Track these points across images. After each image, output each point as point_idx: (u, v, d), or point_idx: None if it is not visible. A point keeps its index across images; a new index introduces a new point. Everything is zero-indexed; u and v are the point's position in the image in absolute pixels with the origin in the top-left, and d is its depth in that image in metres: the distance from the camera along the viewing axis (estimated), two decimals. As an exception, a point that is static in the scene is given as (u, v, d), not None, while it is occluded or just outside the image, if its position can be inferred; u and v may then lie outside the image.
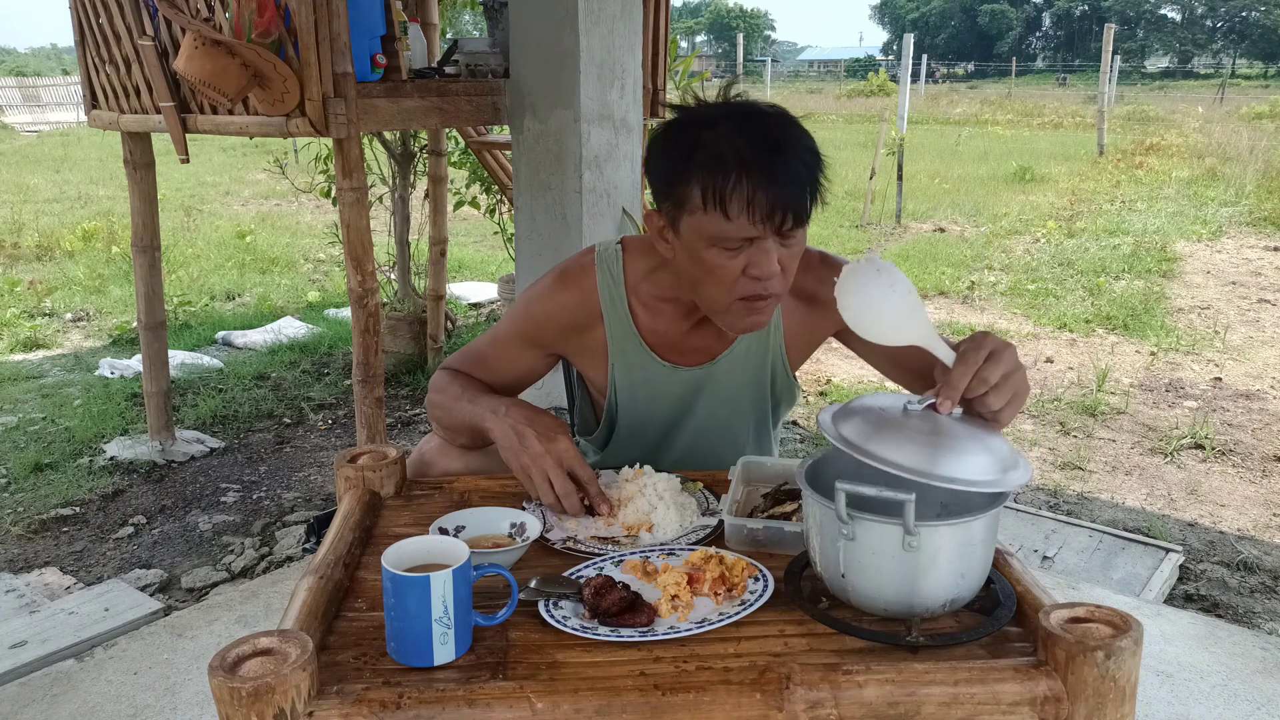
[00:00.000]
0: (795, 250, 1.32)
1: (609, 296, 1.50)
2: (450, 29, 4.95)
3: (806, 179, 1.27)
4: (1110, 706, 0.91)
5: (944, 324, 5.67)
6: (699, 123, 1.29)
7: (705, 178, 1.25)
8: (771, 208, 1.25)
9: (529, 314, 1.52)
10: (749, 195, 1.23)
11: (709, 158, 1.25)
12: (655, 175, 1.34)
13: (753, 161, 1.24)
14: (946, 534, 0.96)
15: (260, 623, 2.42)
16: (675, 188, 1.29)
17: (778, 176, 1.24)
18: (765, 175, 1.24)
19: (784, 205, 1.25)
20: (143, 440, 3.68)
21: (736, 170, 1.24)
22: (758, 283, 1.29)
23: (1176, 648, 2.35)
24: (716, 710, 0.91)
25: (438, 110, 2.95)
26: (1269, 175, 11.60)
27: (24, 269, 7.10)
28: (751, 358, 1.53)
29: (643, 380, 1.53)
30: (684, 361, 1.52)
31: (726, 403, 1.55)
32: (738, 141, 1.25)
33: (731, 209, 1.24)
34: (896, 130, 10.09)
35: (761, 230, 1.26)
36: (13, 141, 17.80)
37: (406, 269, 4.82)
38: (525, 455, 1.30)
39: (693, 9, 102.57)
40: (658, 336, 1.51)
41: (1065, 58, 73.39)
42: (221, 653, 0.89)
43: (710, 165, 1.25)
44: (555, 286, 1.51)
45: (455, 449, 1.51)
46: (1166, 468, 3.65)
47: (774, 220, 1.25)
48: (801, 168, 1.27)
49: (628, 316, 1.50)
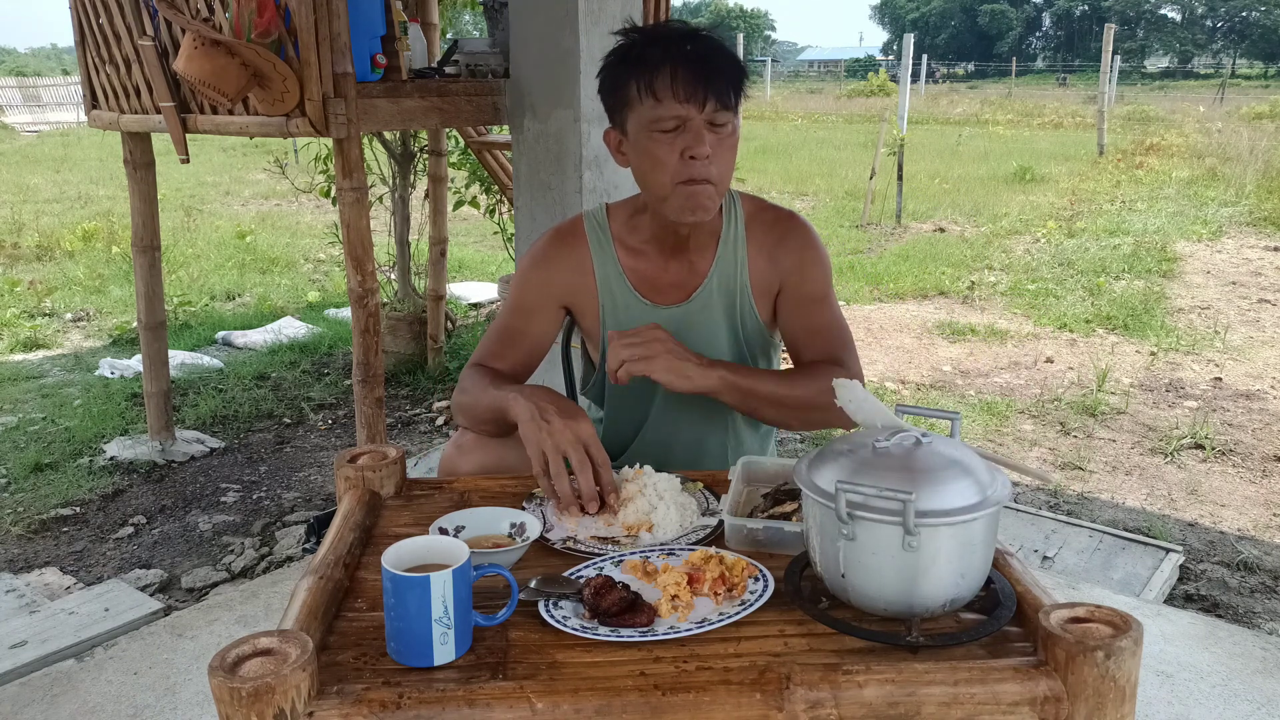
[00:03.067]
0: (726, 139, 1.49)
1: (597, 242, 1.67)
2: (450, 29, 4.95)
3: (725, 69, 1.46)
4: (1110, 706, 0.91)
5: (944, 324, 5.67)
6: (633, 41, 1.51)
7: (637, 73, 1.47)
8: (693, 86, 1.44)
9: (535, 272, 1.67)
10: (672, 75, 1.44)
11: (640, 58, 1.48)
12: (604, 91, 1.54)
13: (676, 52, 1.45)
14: (946, 534, 0.96)
15: (260, 623, 2.42)
16: (618, 93, 1.50)
17: (697, 62, 1.45)
18: (685, 61, 1.44)
19: (705, 85, 1.44)
20: (143, 440, 3.68)
21: (660, 59, 1.45)
22: (693, 164, 1.46)
23: (1176, 648, 2.35)
24: (716, 710, 0.91)
25: (438, 110, 2.95)
26: (1269, 175, 11.59)
27: (24, 269, 7.10)
28: (723, 295, 1.64)
29: (628, 319, 1.64)
30: (663, 300, 1.65)
31: (705, 343, 1.63)
32: (665, 42, 1.47)
33: (659, 90, 1.45)
34: (897, 130, 10.09)
35: (687, 110, 1.45)
36: (13, 141, 17.81)
37: (406, 269, 4.82)
38: (545, 430, 1.33)
39: (693, 9, 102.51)
40: (639, 276, 1.66)
41: (1065, 58, 73.39)
42: (221, 653, 0.89)
43: (641, 62, 1.47)
44: (551, 242, 1.69)
45: (475, 451, 1.57)
46: (1166, 468, 3.65)
47: (697, 98, 1.44)
48: (721, 59, 1.47)
49: (614, 259, 1.66)
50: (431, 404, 4.23)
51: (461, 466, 1.57)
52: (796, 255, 1.63)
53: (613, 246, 1.66)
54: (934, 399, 4.42)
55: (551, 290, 1.66)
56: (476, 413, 1.54)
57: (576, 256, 1.66)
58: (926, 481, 0.97)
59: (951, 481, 0.98)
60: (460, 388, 1.60)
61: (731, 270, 1.64)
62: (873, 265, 7.30)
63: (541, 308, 1.67)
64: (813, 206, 10.52)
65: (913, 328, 5.66)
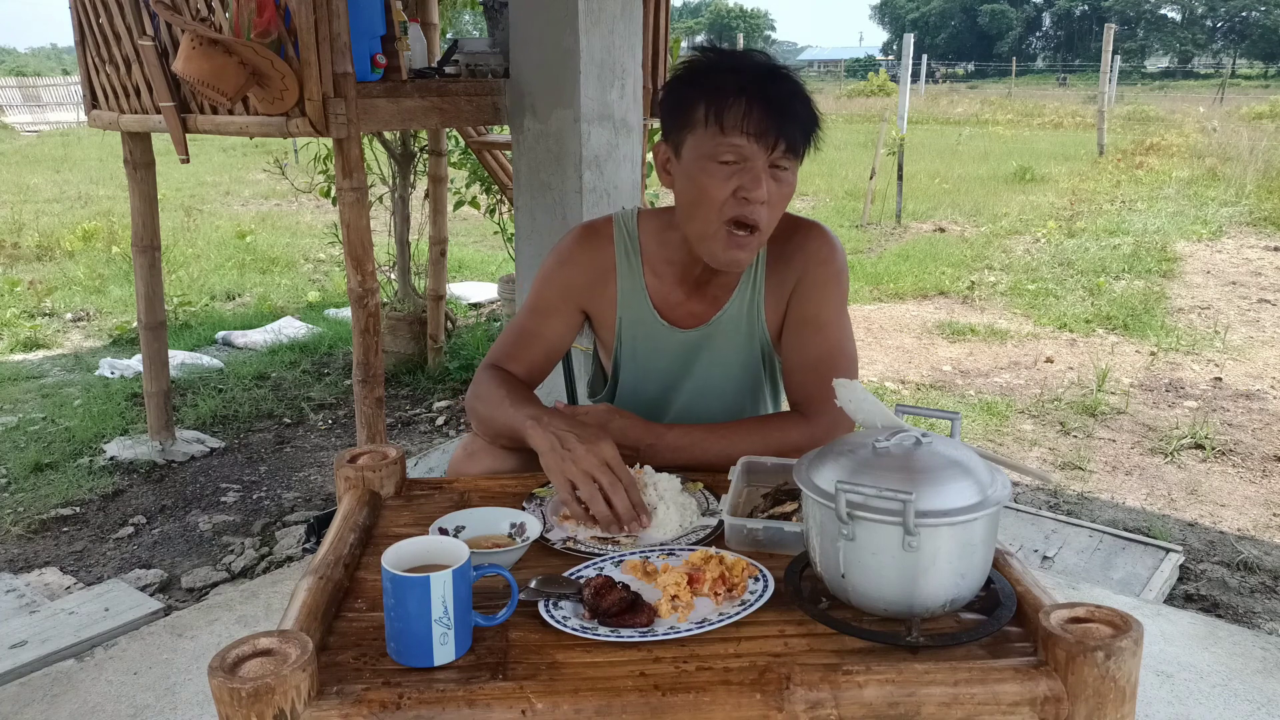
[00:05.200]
0: (783, 189, 1.42)
1: (624, 251, 1.61)
2: (450, 29, 4.95)
3: (801, 115, 1.39)
4: (1110, 706, 0.91)
5: (944, 324, 5.67)
6: (708, 62, 1.43)
7: (708, 97, 1.38)
8: (764, 126, 1.36)
9: (559, 272, 1.63)
10: (745, 110, 1.36)
11: (714, 83, 1.39)
12: (665, 106, 1.46)
13: (752, 87, 1.37)
14: (946, 534, 0.96)
15: (260, 623, 2.42)
16: (681, 113, 1.42)
17: (773, 103, 1.37)
18: (762, 99, 1.36)
19: (777, 127, 1.36)
20: (143, 440, 3.68)
21: (736, 91, 1.37)
22: (745, 205, 1.39)
23: (1176, 648, 2.35)
24: (716, 710, 0.91)
25: (438, 110, 2.95)
26: (1269, 175, 11.59)
27: (24, 269, 7.10)
28: (741, 324, 1.60)
29: (644, 335, 1.62)
30: (681, 324, 1.61)
31: (719, 368, 1.61)
32: (742, 71, 1.39)
33: (727, 122, 1.36)
34: (896, 130, 10.09)
35: (753, 148, 1.37)
36: (13, 141, 17.80)
37: (406, 269, 4.82)
38: (569, 459, 1.29)
39: (693, 9, 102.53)
40: (661, 297, 1.60)
41: (1065, 58, 73.36)
42: (221, 653, 0.89)
43: (714, 87, 1.38)
44: (578, 242, 1.63)
45: (484, 457, 1.54)
46: (1166, 468, 3.65)
47: (766, 139, 1.37)
48: (797, 104, 1.39)
49: (639, 273, 1.60)
50: (431, 404, 4.23)
51: (469, 472, 1.55)
52: (803, 270, 1.55)
53: (639, 259, 1.60)
54: (934, 399, 4.42)
55: (572, 294, 1.62)
56: (493, 428, 1.50)
57: (601, 263, 1.61)
58: (926, 481, 0.97)
59: (951, 481, 0.98)
60: (475, 393, 1.55)
61: (750, 294, 1.58)
62: (873, 265, 7.30)
63: (560, 310, 1.62)
64: (813, 206, 10.52)
65: (913, 328, 5.66)
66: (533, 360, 1.61)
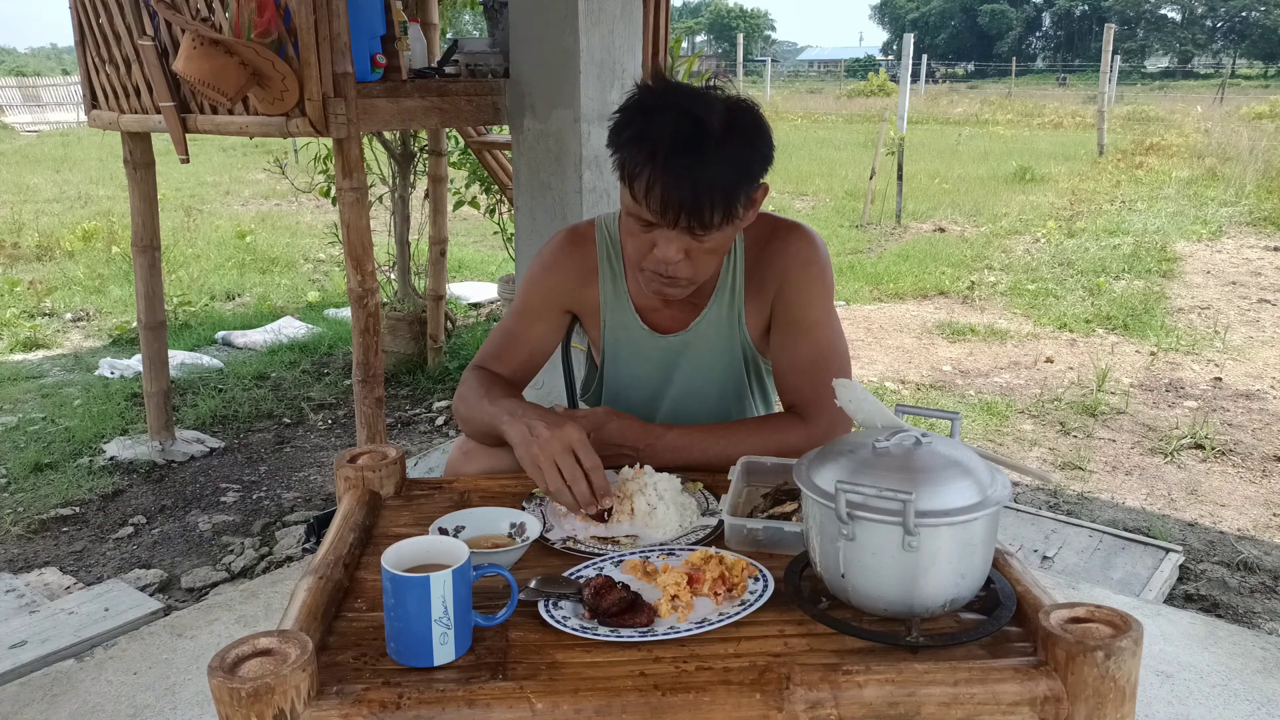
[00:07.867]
0: (710, 245, 1.37)
1: (606, 256, 1.62)
2: (450, 29, 4.95)
3: (717, 189, 1.30)
4: (1110, 706, 0.91)
5: (944, 324, 5.67)
6: (648, 104, 1.35)
7: (623, 159, 1.34)
8: (667, 205, 1.31)
9: (543, 276, 1.64)
10: (648, 186, 1.31)
11: (634, 139, 1.32)
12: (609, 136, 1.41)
13: (666, 158, 1.29)
14: (946, 534, 0.96)
15: (260, 623, 2.42)
16: (614, 152, 1.37)
17: (684, 179, 1.29)
18: (672, 174, 1.29)
19: (681, 206, 1.31)
20: (143, 440, 3.68)
21: (648, 160, 1.30)
22: (662, 265, 1.38)
23: (1176, 648, 2.35)
24: (716, 710, 0.91)
25: (438, 110, 2.95)
26: (1269, 175, 11.59)
27: (24, 269, 7.10)
28: (720, 328, 1.60)
29: (627, 339, 1.63)
30: (662, 328, 1.61)
31: (701, 372, 1.62)
32: (664, 133, 1.29)
33: (635, 191, 1.33)
34: (896, 130, 10.08)
35: (660, 221, 1.34)
36: (13, 141, 17.80)
37: (406, 269, 4.82)
38: (535, 445, 1.30)
39: (693, 9, 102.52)
40: (643, 300, 1.61)
41: (1065, 58, 73.36)
42: (221, 653, 0.89)
43: (632, 147, 1.32)
44: (561, 247, 1.64)
45: (480, 456, 1.56)
46: (1166, 468, 3.65)
47: (668, 217, 1.32)
48: (715, 176, 1.30)
49: (621, 277, 1.62)
50: (431, 404, 4.23)
51: (466, 471, 1.57)
52: (784, 273, 1.54)
53: (621, 263, 1.61)
54: (934, 399, 4.42)
55: (556, 296, 1.63)
56: (476, 426, 1.51)
57: (585, 265, 1.62)
58: (926, 481, 0.97)
59: (951, 481, 0.98)
60: (460, 394, 1.57)
61: (729, 298, 1.58)
62: (873, 265, 7.30)
63: (545, 313, 1.64)
64: (812, 206, 10.52)
65: (913, 328, 5.66)
66: (518, 362, 1.63)
